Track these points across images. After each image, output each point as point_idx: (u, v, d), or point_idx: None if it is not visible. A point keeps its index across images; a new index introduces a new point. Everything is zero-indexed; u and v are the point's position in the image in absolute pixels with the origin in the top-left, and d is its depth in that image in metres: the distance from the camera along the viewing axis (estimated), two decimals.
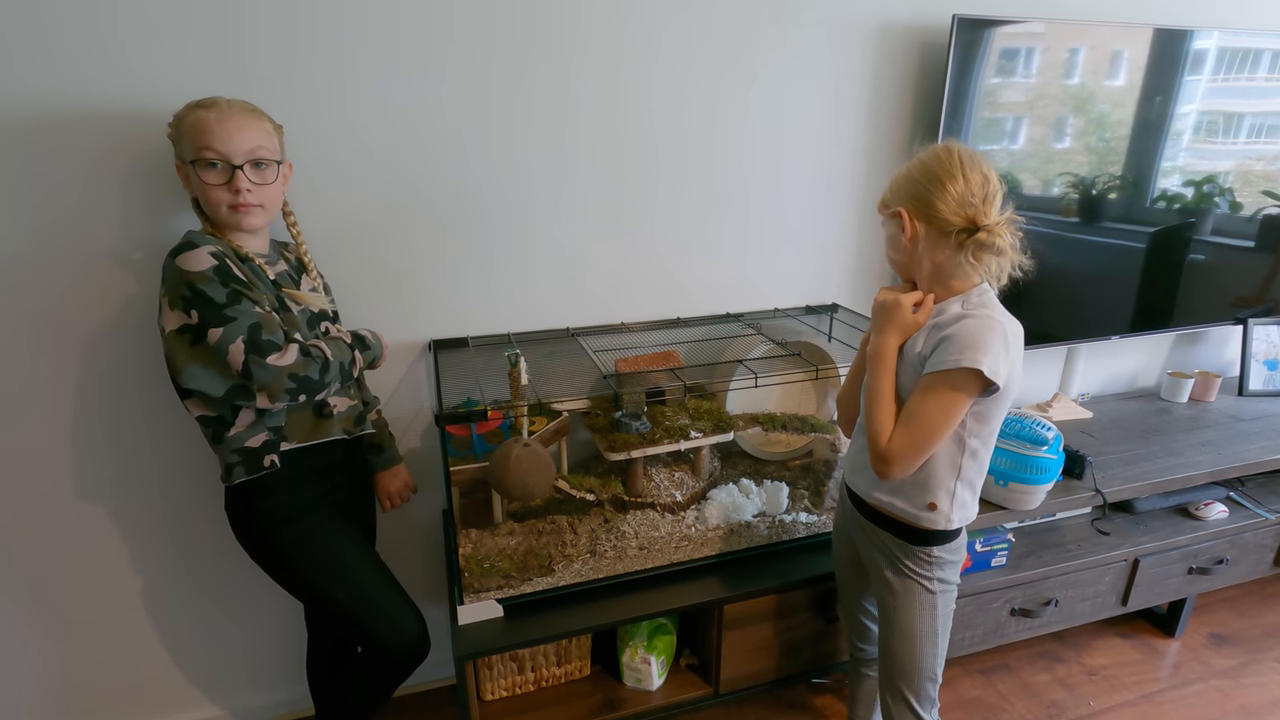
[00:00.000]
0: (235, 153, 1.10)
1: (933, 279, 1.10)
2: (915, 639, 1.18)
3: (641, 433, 1.55)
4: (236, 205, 1.12)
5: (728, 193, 1.67)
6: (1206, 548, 1.84)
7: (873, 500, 1.17)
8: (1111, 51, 1.76)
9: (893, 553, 1.17)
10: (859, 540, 1.26)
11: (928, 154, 1.06)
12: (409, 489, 1.48)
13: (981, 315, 1.03)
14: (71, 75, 1.20)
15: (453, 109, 1.42)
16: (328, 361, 1.14)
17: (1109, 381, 2.29)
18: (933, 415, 1.02)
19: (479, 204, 1.50)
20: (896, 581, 1.18)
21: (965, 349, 0.99)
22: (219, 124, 1.09)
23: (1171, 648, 1.96)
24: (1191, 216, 2.00)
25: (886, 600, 1.20)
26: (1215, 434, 1.97)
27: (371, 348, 1.28)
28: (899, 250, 1.11)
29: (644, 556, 1.48)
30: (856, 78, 1.68)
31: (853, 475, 1.23)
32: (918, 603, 1.17)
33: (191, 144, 1.09)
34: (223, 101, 1.12)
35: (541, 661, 1.52)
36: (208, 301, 1.05)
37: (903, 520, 1.15)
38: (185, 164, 1.12)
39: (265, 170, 1.15)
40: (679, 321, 1.71)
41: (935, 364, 1.02)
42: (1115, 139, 1.84)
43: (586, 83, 1.48)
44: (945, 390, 1.01)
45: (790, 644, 1.55)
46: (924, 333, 1.07)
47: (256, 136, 1.13)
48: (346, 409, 1.27)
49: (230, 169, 1.10)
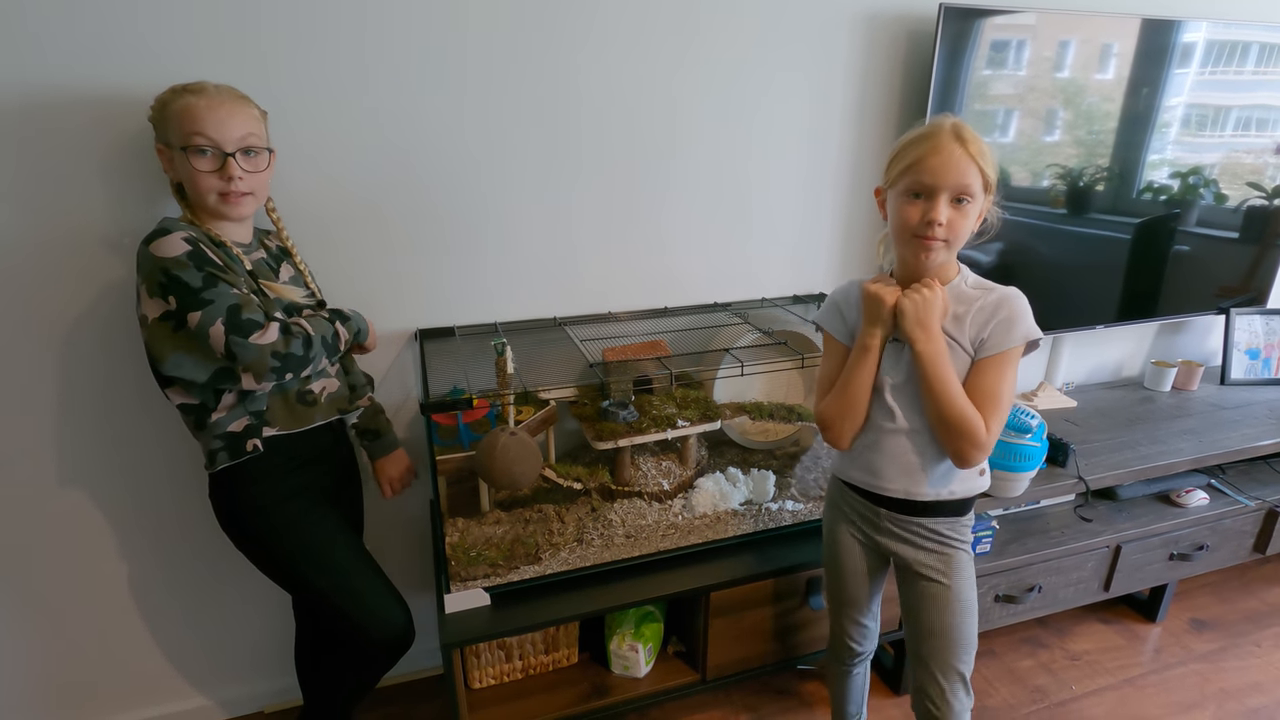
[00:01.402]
0: (227, 140, 1.09)
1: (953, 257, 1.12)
2: (971, 608, 1.18)
3: (629, 422, 1.55)
4: (227, 193, 1.11)
5: (715, 183, 1.67)
6: (1187, 534, 1.86)
7: (924, 496, 1.15)
8: (1100, 43, 1.76)
9: (939, 533, 1.17)
10: (888, 541, 1.22)
11: (968, 127, 1.04)
12: (410, 474, 1.49)
13: (1002, 288, 1.10)
14: (54, 55, 1.18)
15: (443, 99, 1.41)
16: (309, 336, 1.14)
17: (1094, 371, 2.31)
18: (1009, 391, 1.08)
19: (467, 194, 1.49)
20: (944, 559, 1.17)
21: (1023, 323, 1.06)
22: (209, 111, 1.08)
23: (1153, 633, 1.99)
24: (1177, 208, 2.02)
25: (934, 583, 1.18)
26: (1197, 422, 1.99)
27: (352, 319, 1.28)
28: (965, 234, 1.08)
29: (631, 545, 1.49)
30: (843, 68, 1.67)
31: (891, 483, 1.16)
32: (966, 571, 1.18)
33: (179, 130, 1.08)
34: (210, 87, 1.10)
35: (529, 649, 1.53)
36: (184, 286, 1.04)
37: (951, 500, 1.16)
38: (169, 149, 1.10)
39: (256, 158, 1.14)
40: (666, 311, 1.71)
41: (1001, 344, 1.06)
42: (1103, 131, 1.85)
43: (574, 74, 1.48)
44: (1013, 365, 1.08)
45: (777, 630, 1.56)
46: (967, 317, 1.08)
47: (247, 123, 1.12)
48: (335, 390, 1.27)
49: (222, 156, 1.09)
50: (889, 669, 1.80)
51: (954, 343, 1.09)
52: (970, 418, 1.05)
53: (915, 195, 1.05)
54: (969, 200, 1.04)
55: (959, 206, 1.04)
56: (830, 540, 1.33)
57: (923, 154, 1.03)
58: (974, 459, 1.08)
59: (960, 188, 1.03)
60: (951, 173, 1.02)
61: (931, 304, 1.06)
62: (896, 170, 1.07)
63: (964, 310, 1.09)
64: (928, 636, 1.20)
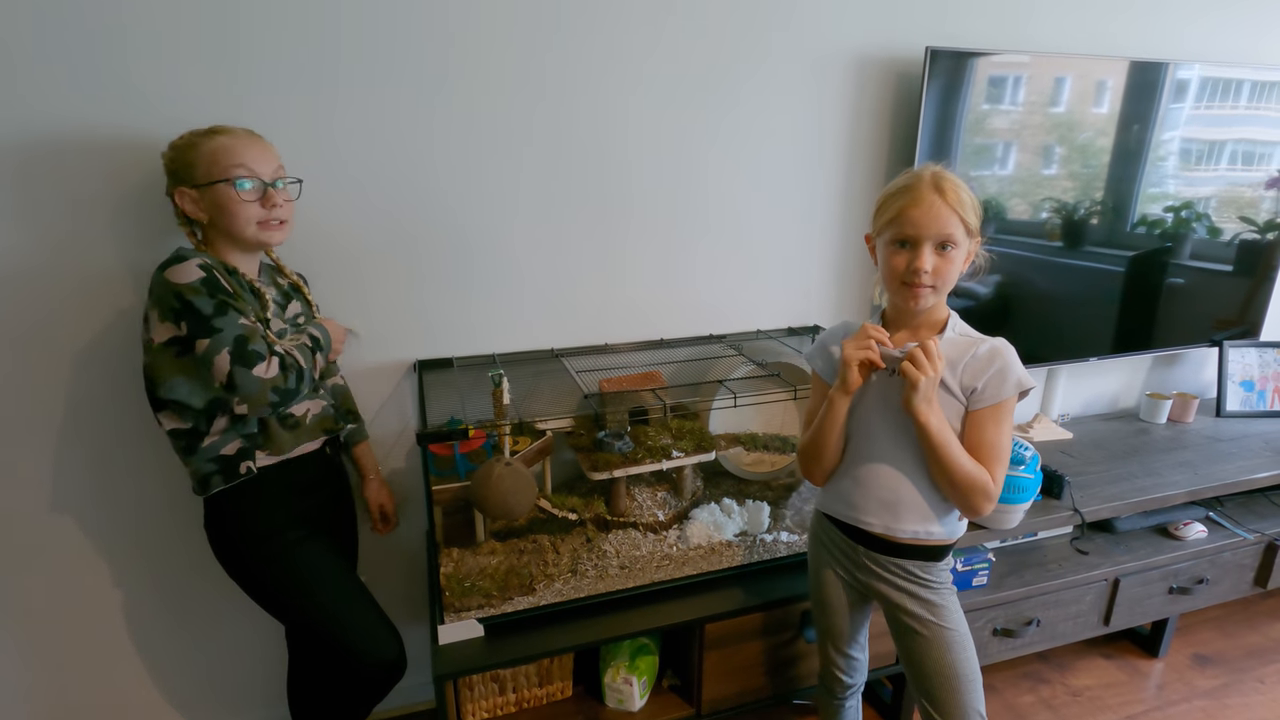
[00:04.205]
0: (265, 172, 1.16)
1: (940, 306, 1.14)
2: (966, 641, 1.17)
3: (624, 452, 1.56)
4: (266, 221, 1.17)
5: (710, 219, 1.71)
6: (1187, 567, 1.85)
7: (903, 536, 1.15)
8: (1093, 80, 1.81)
9: (920, 577, 1.17)
10: (868, 580, 1.22)
11: (949, 174, 1.07)
12: (391, 501, 1.52)
13: (990, 339, 1.11)
14: (68, 98, 1.23)
15: (440, 140, 1.45)
16: (301, 370, 1.17)
17: (1090, 403, 2.31)
18: (1008, 439, 1.10)
19: (465, 229, 1.53)
20: (927, 603, 1.17)
21: (1015, 374, 1.08)
22: (247, 146, 1.15)
23: (1155, 668, 1.97)
24: (1170, 241, 2.04)
25: (924, 625, 1.17)
26: (1193, 454, 1.99)
27: (323, 347, 1.27)
28: (952, 278, 1.09)
29: (625, 576, 1.49)
30: (834, 108, 1.72)
31: (870, 516, 1.17)
32: (951, 607, 1.18)
33: (217, 165, 1.12)
34: (236, 128, 1.17)
35: (523, 682, 1.52)
36: (195, 313, 1.07)
37: (928, 544, 1.16)
38: (194, 189, 1.13)
39: (290, 187, 1.22)
40: (662, 343, 1.74)
41: (996, 395, 1.07)
42: (1097, 166, 1.89)
43: (572, 110, 1.52)
44: (1010, 414, 1.10)
45: (772, 663, 1.55)
46: (959, 365, 1.09)
47: (276, 157, 1.19)
48: (319, 411, 1.29)
49: (263, 186, 1.15)
50: (887, 704, 1.78)
51: (946, 391, 1.10)
52: (977, 476, 1.07)
53: (901, 244, 1.08)
54: (953, 247, 1.06)
55: (944, 253, 1.06)
56: (814, 574, 1.33)
57: (904, 205, 1.06)
58: (986, 509, 1.10)
59: (942, 237, 1.05)
60: (933, 223, 1.04)
61: (936, 381, 1.06)
62: (882, 221, 1.10)
63: (955, 358, 1.10)
64: (931, 678, 1.18)
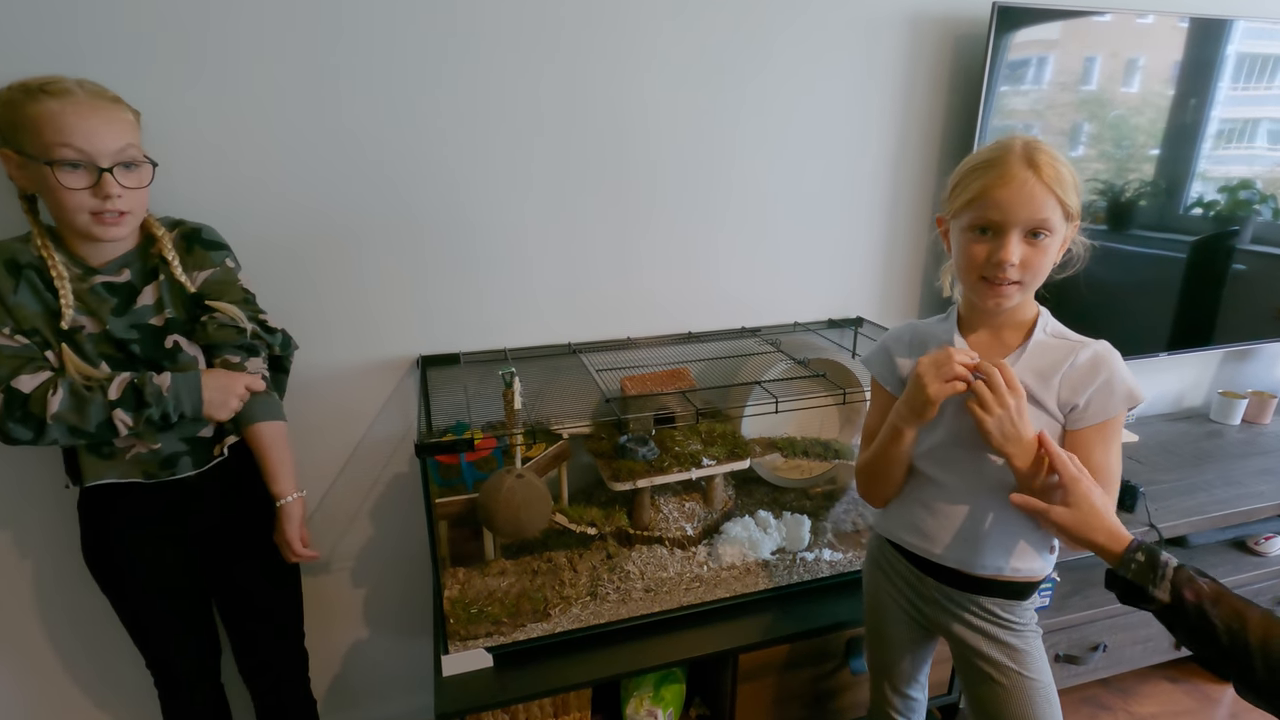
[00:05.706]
0: (102, 153, 0.93)
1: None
2: (1051, 694, 1.00)
3: (648, 459, 1.41)
4: (102, 213, 0.94)
5: (743, 199, 1.53)
6: (1268, 586, 1.68)
7: (981, 570, 0.99)
8: (1155, 47, 1.61)
9: (1002, 617, 1.01)
10: (936, 615, 1.06)
11: (1045, 145, 0.89)
12: (300, 539, 1.19)
13: (1091, 341, 0.94)
14: None
15: (446, 112, 1.29)
16: (103, 421, 0.97)
17: (1153, 401, 2.13)
18: (1119, 460, 0.94)
19: (471, 207, 1.37)
20: (1017, 641, 1.00)
21: (1125, 385, 0.91)
22: (79, 118, 0.91)
23: (1226, 694, 1.80)
24: (1232, 224, 1.84)
25: (1004, 674, 1.00)
26: (1276, 460, 1.81)
27: (152, 406, 0.98)
28: (1043, 272, 0.92)
29: (650, 599, 1.34)
30: (883, 76, 1.53)
31: (939, 547, 1.01)
32: (1036, 654, 1.01)
33: (40, 140, 0.90)
34: (74, 86, 0.93)
35: (536, 714, 1.37)
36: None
37: (1014, 580, 0.99)
38: (21, 155, 0.92)
39: (139, 171, 0.98)
40: (690, 336, 1.57)
41: (1103, 412, 0.91)
42: (1148, 141, 1.68)
43: (589, 83, 1.35)
44: (1120, 433, 0.94)
45: (813, 696, 1.40)
46: (1055, 376, 0.92)
47: (124, 132, 0.96)
48: (147, 453, 1.06)
49: (97, 172, 0.93)
50: None
51: (1037, 406, 0.92)
52: None
53: (982, 231, 0.89)
54: (1047, 234, 0.88)
55: (1035, 242, 0.88)
56: (873, 603, 1.17)
57: (989, 184, 0.87)
58: None
59: (1035, 222, 0.87)
60: (1024, 206, 0.86)
61: (1019, 415, 0.88)
62: (960, 201, 0.91)
63: (1048, 367, 0.92)
64: None
